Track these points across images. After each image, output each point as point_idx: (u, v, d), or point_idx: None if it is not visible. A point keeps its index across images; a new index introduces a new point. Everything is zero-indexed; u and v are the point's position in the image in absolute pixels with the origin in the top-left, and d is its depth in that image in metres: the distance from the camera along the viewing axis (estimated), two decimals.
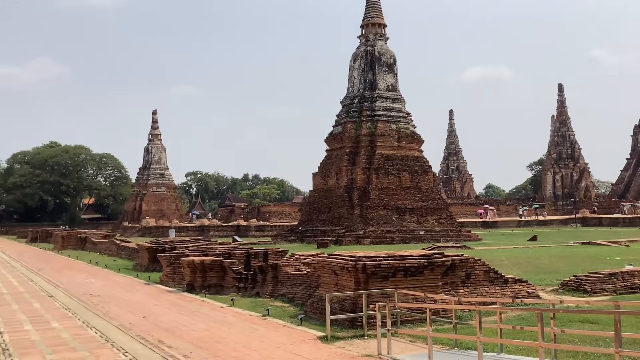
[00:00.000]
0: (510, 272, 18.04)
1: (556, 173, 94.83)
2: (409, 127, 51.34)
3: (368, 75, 51.17)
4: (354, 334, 11.76)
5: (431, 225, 47.77)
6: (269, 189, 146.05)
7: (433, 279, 13.36)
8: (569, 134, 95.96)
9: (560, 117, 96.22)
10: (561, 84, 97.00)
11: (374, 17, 52.29)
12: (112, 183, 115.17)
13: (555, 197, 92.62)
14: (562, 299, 14.78)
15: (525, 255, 28.68)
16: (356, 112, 50.84)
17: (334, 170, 50.44)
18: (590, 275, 17.41)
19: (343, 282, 13.13)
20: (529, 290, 15.51)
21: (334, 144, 52.30)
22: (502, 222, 67.06)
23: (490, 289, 15.03)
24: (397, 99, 51.68)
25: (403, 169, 49.27)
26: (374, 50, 51.12)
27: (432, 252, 14.85)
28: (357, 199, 47.65)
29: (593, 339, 10.36)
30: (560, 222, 67.96)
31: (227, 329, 12.79)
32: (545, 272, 21.52)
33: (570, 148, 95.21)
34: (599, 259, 25.80)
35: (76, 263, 33.85)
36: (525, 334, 10.34)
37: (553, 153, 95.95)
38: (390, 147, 49.65)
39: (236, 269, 19.31)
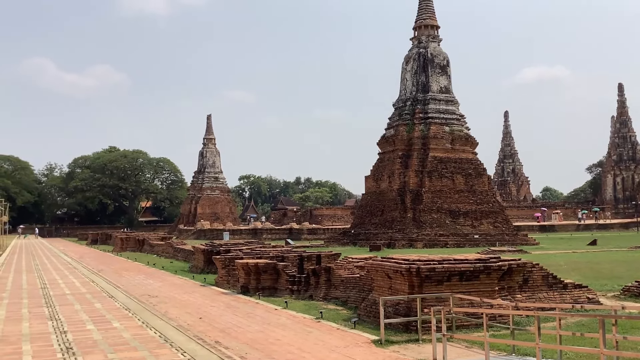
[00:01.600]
0: (569, 277, 17.57)
1: (617, 175, 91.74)
2: (462, 130, 50.67)
3: (420, 78, 50.77)
4: (408, 338, 11.69)
5: (486, 228, 46.96)
6: (321, 191, 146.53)
7: (489, 283, 13.14)
8: (630, 135, 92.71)
9: (620, 117, 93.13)
10: (621, 84, 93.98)
11: (427, 18, 51.87)
12: (169, 186, 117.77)
13: (615, 200, 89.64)
14: (624, 304, 14.28)
15: (584, 260, 27.87)
16: (409, 115, 50.52)
17: (386, 173, 50.22)
18: None
19: (397, 286, 13.06)
20: (589, 296, 15.08)
21: (386, 146, 52.08)
22: (561, 226, 65.33)
23: (549, 294, 14.67)
24: (450, 100, 51.09)
25: (457, 171, 48.64)
26: (427, 52, 50.70)
27: (488, 256, 14.60)
28: (410, 202, 47.30)
29: None
30: (621, 225, 65.73)
31: (281, 331, 12.91)
32: (606, 277, 20.85)
33: (631, 149, 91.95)
34: None
35: (134, 264, 34.75)
36: (585, 341, 10.08)
37: (613, 155, 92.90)
38: (444, 149, 49.11)
39: (289, 272, 19.47)
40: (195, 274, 27.08)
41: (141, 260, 37.76)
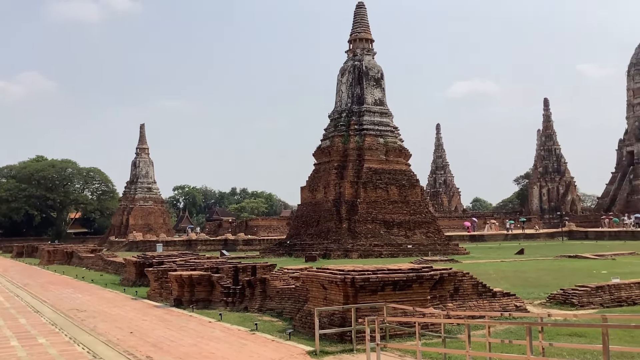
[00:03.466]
0: (498, 286, 18.11)
1: (542, 187, 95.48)
2: (396, 141, 51.59)
3: (356, 90, 51.44)
4: (342, 349, 11.75)
5: (419, 238, 47.85)
6: (257, 202, 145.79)
7: (422, 292, 13.39)
8: (555, 147, 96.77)
9: (545, 131, 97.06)
10: (547, 99, 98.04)
11: (362, 32, 52.67)
12: (99, 197, 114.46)
13: (541, 210, 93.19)
14: (550, 312, 14.86)
15: (512, 269, 28.79)
16: (344, 126, 51.04)
17: (322, 184, 50.50)
18: (577, 288, 17.51)
19: (332, 296, 13.12)
20: (517, 304, 15.58)
21: (322, 157, 52.40)
22: (490, 235, 67.30)
23: (479, 303, 15.08)
24: (384, 113, 51.95)
25: (391, 182, 49.42)
26: (362, 64, 51.44)
27: (421, 265, 14.88)
28: (345, 213, 47.69)
29: (581, 352, 10.43)
30: (547, 235, 68.34)
31: (215, 344, 12.73)
32: (533, 285, 21.60)
33: (556, 162, 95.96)
34: (585, 272, 25.94)
35: (62, 278, 33.54)
36: (513, 348, 10.40)
37: (539, 167, 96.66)
38: (378, 161, 49.83)
39: (224, 284, 19.24)
40: (127, 287, 26.37)
41: (69, 273, 36.48)
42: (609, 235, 63.37)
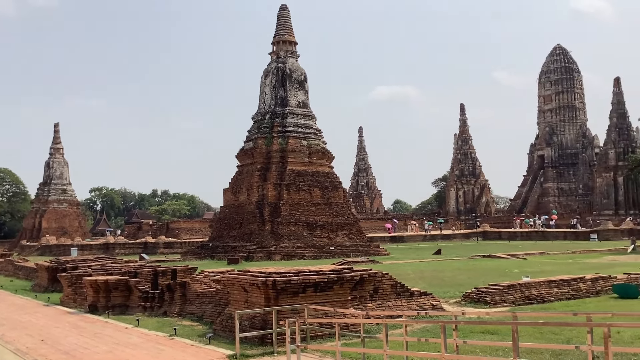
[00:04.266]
0: (416, 285, 18.56)
1: (459, 189, 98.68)
2: (319, 144, 51.95)
3: (279, 92, 51.44)
4: (263, 351, 11.71)
5: (341, 240, 48.36)
6: (179, 204, 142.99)
7: (342, 293, 13.55)
8: (471, 151, 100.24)
9: (462, 135, 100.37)
10: (463, 104, 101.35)
11: (285, 34, 52.73)
12: (9, 199, 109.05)
13: (458, 212, 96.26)
14: (465, 310, 15.38)
15: (430, 269, 29.57)
16: (267, 128, 50.91)
17: (245, 186, 50.15)
18: (490, 287, 18.21)
19: (253, 299, 13.06)
20: (434, 303, 16.02)
21: (245, 159, 52.05)
22: (409, 236, 68.87)
23: (397, 302, 15.40)
24: (308, 115, 52.21)
25: (314, 184, 49.71)
26: (285, 67, 51.50)
27: (342, 267, 15.06)
28: (268, 215, 47.57)
29: (493, 349, 10.83)
30: (463, 236, 70.64)
31: (132, 350, 12.39)
32: (449, 284, 22.28)
33: (471, 165, 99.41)
34: (498, 271, 27.00)
35: None
36: (430, 346, 10.68)
37: (456, 170, 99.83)
38: (302, 163, 50.01)
39: (142, 288, 18.76)
40: (39, 293, 25.26)
41: None
42: (521, 236, 66.26)
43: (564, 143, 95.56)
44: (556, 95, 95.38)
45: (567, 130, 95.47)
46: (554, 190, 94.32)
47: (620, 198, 79.20)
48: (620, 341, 11.45)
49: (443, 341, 8.00)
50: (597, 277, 20.54)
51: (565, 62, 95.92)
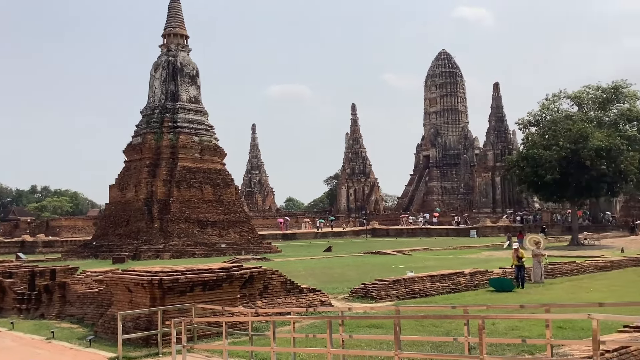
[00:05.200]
0: (306, 282, 18.76)
1: (350, 187, 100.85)
2: (211, 140, 51.19)
3: (170, 86, 50.14)
4: (148, 353, 11.38)
5: (233, 238, 47.95)
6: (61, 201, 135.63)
7: (232, 291, 13.43)
8: (361, 150, 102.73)
9: (353, 134, 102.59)
10: (354, 104, 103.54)
11: (176, 27, 51.47)
12: None
13: (349, 209, 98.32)
14: (352, 305, 15.74)
15: (320, 266, 29.99)
16: (157, 123, 49.47)
17: (132, 183, 48.46)
18: (377, 282, 18.75)
19: (138, 299, 12.65)
20: (322, 299, 16.27)
21: (133, 155, 50.28)
22: (301, 233, 69.46)
23: (287, 300, 15.50)
24: (199, 111, 51.27)
25: (205, 181, 48.92)
26: (176, 60, 50.28)
27: (232, 265, 14.93)
28: (157, 212, 46.26)
29: (378, 343, 11.13)
30: (353, 233, 72.23)
31: (5, 355, 11.62)
32: (338, 280, 22.70)
33: (362, 164, 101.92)
34: (385, 267, 27.84)
35: None
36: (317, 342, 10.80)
37: (347, 168, 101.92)
38: (193, 159, 49.05)
39: (18, 289, 17.65)
40: None
41: None
42: (407, 233, 68.81)
43: (448, 144, 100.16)
44: (441, 99, 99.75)
45: (451, 132, 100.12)
46: (438, 189, 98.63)
47: (497, 197, 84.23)
48: (496, 332, 12.15)
49: (329, 336, 8.13)
50: (475, 272, 21.71)
51: (449, 66, 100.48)
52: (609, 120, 60.58)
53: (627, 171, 44.65)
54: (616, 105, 62.33)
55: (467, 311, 8.72)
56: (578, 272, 24.85)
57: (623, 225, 64.93)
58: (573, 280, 22.76)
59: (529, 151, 47.43)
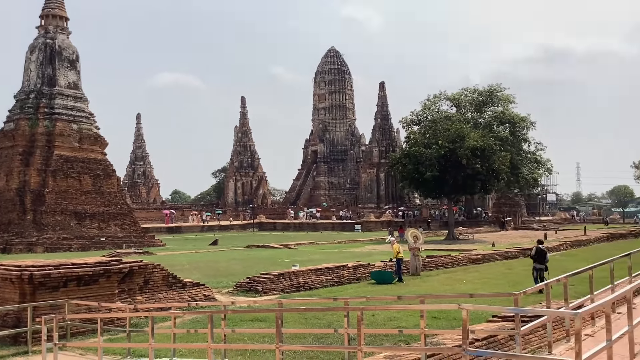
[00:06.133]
0: (190, 276, 18.41)
1: (237, 181, 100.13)
2: (92, 128, 48.84)
3: (47, 70, 47.27)
4: (16, 352, 10.71)
5: (114, 231, 46.11)
6: None
7: (109, 287, 12.92)
8: (250, 144, 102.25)
9: (242, 128, 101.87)
10: (244, 97, 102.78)
11: (55, 8, 48.57)
12: None
13: (236, 203, 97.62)
14: (236, 299, 15.64)
15: (205, 259, 29.57)
16: (32, 109, 46.48)
17: (3, 171, 45.25)
18: (262, 276, 18.77)
19: (6, 295, 11.87)
20: (206, 293, 16.04)
21: (4, 142, 46.93)
22: (187, 227, 68.07)
23: (169, 294, 15.14)
24: (79, 97, 48.75)
25: (84, 172, 46.63)
26: (55, 43, 47.47)
27: (110, 259, 14.35)
28: (31, 203, 43.53)
29: (261, 336, 11.13)
30: (240, 226, 71.79)
31: None
32: (223, 274, 22.48)
33: (250, 157, 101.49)
34: (271, 260, 27.93)
35: None
36: (199, 337, 10.65)
37: (235, 162, 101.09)
38: (71, 148, 46.56)
39: None
40: None
41: None
42: (294, 227, 69.42)
43: (335, 140, 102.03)
44: (329, 95, 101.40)
45: (338, 128, 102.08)
46: (325, 183, 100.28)
47: (381, 192, 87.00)
48: (375, 323, 12.54)
49: (210, 331, 8.03)
50: (357, 265, 22.30)
51: (338, 64, 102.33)
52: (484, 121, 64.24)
53: (499, 170, 47.56)
54: (491, 108, 66.23)
55: (347, 303, 8.92)
56: (453, 265, 26.19)
57: (495, 221, 69.23)
58: (448, 273, 23.95)
59: (411, 149, 49.31)
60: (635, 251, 13.63)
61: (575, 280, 13.12)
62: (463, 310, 6.49)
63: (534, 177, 66.07)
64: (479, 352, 8.34)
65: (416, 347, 8.63)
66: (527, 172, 63.36)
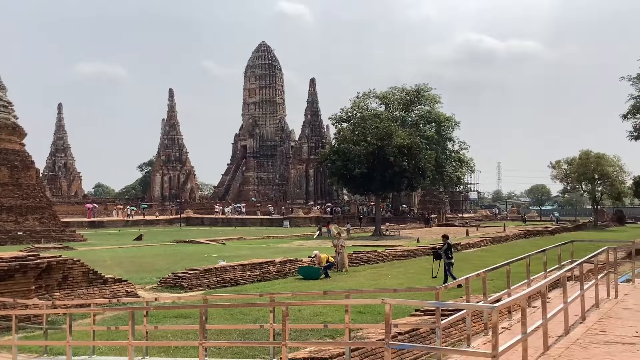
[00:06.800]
0: (112, 272, 17.91)
1: (165, 174, 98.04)
2: (9, 118, 46.60)
3: None
4: None
5: (32, 225, 44.21)
6: None
7: (25, 282, 12.40)
8: (178, 137, 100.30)
9: (170, 120, 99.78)
10: (172, 89, 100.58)
11: None
12: None
13: (163, 197, 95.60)
14: (160, 295, 15.32)
15: (129, 255, 28.86)
16: None
17: None
18: (187, 271, 18.48)
19: None
20: (128, 290, 15.65)
21: None
22: (110, 221, 66.13)
23: (89, 291, 14.67)
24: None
25: (1, 163, 44.45)
26: None
27: (27, 254, 13.75)
28: None
29: (185, 333, 10.95)
30: (167, 221, 70.37)
31: None
32: (147, 270, 22.00)
33: (178, 151, 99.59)
34: (198, 256, 27.56)
35: None
36: (120, 334, 10.36)
37: (162, 155, 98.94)
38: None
39: None
40: None
41: None
42: (222, 222, 68.70)
43: (265, 135, 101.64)
44: (260, 90, 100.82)
45: (268, 123, 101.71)
46: (254, 179, 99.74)
47: (310, 188, 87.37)
48: (301, 318, 12.57)
49: (131, 328, 7.83)
50: (285, 261, 22.32)
51: (269, 59, 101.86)
52: (411, 120, 65.67)
53: (425, 168, 48.70)
54: (418, 107, 67.77)
55: (273, 299, 8.91)
56: (379, 261, 26.63)
57: (420, 218, 70.84)
58: (375, 268, 24.32)
59: (340, 146, 49.74)
60: (551, 247, 14.26)
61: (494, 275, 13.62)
62: (386, 304, 6.60)
63: (457, 175, 68.19)
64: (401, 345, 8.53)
65: (340, 342, 8.72)
66: (452, 170, 65.29)
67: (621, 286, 13.90)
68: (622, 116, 33.59)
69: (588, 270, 13.80)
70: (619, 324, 9.90)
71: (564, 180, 66.36)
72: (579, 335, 8.98)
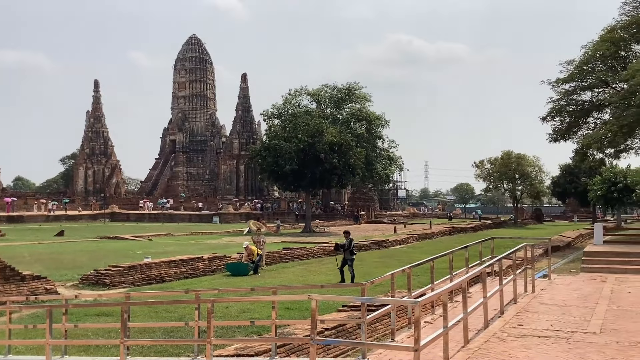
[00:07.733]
0: (32, 269, 17.20)
1: (89, 168, 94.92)
2: None
3: None
4: None
5: None
6: None
7: None
8: (103, 130, 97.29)
9: (95, 113, 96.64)
10: (97, 80, 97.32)
11: None
12: None
13: (86, 192, 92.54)
14: (81, 293, 14.85)
15: (49, 251, 27.83)
16: None
17: None
18: (110, 268, 17.98)
19: None
20: (48, 287, 15.09)
21: None
22: (30, 216, 63.48)
23: (5, 288, 14.06)
24: None
25: None
26: None
27: None
28: None
29: (106, 331, 10.65)
30: (90, 217, 68.18)
31: None
32: (68, 267, 21.27)
33: (103, 144, 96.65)
34: (122, 253, 26.84)
35: None
36: (38, 332, 9.98)
37: (86, 148, 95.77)
38: None
39: None
40: None
41: None
42: (149, 218, 67.25)
43: (195, 130, 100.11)
44: (190, 84, 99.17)
45: (199, 117, 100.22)
46: (183, 174, 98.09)
47: (241, 184, 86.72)
48: (229, 315, 12.47)
49: (48, 326, 7.56)
50: (213, 257, 22.08)
51: (200, 52, 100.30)
52: (342, 118, 66.25)
53: (355, 165, 49.25)
54: (349, 105, 68.45)
55: (198, 296, 8.79)
56: (308, 257, 26.72)
57: (350, 215, 71.63)
58: (304, 264, 24.39)
59: (271, 142, 49.60)
60: (472, 244, 14.72)
61: (419, 271, 13.95)
62: (312, 300, 6.64)
63: (387, 173, 69.36)
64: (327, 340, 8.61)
65: (267, 338, 8.71)
66: (381, 168, 66.34)
67: (538, 281, 14.52)
68: (541, 118, 35.07)
69: (507, 266, 14.33)
70: (535, 318, 10.35)
71: (487, 179, 68.54)
72: (498, 328, 9.32)
